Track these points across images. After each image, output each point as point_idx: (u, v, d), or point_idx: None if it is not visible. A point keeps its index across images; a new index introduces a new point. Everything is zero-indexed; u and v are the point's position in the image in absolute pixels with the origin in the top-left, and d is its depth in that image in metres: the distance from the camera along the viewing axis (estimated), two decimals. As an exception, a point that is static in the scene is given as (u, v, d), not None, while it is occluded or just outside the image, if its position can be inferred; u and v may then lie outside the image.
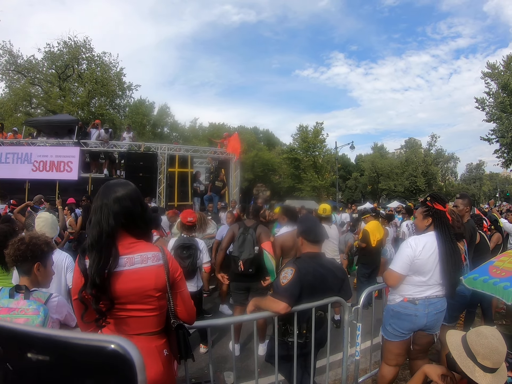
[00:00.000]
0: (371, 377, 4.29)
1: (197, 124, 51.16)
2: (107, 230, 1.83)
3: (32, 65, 30.54)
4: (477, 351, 2.11)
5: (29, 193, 12.71)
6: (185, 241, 5.00)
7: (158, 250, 1.98)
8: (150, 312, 1.92)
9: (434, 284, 3.34)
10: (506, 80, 26.19)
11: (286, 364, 3.25)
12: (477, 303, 5.47)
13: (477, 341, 2.14)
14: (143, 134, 37.28)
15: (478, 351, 2.11)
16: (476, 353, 2.11)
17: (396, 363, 3.57)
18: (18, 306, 2.20)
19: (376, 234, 7.24)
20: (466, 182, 77.01)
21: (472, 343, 2.15)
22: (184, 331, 2.03)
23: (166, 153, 15.12)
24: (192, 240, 5.12)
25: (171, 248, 4.96)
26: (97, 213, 1.88)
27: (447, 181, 64.25)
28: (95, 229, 1.84)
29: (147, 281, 1.88)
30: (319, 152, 47.21)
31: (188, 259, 4.90)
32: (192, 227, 5.24)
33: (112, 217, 1.86)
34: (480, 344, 2.11)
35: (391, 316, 3.49)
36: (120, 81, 33.54)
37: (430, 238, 3.37)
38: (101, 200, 1.91)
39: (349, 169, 62.17)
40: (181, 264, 4.78)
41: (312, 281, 3.05)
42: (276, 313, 2.95)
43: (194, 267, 4.99)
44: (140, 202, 2.00)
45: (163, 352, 1.98)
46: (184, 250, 4.93)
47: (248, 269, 4.99)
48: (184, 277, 2.12)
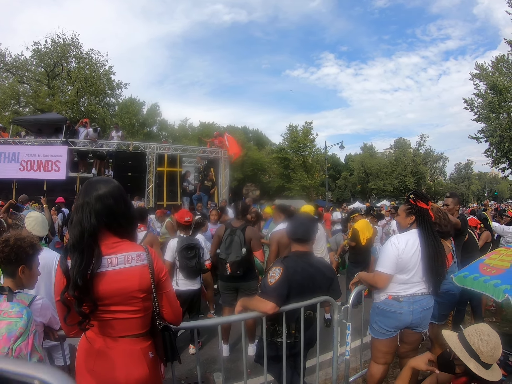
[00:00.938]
0: (361, 376, 4.28)
1: (187, 123, 51.04)
2: (89, 230, 1.78)
3: (21, 63, 30.21)
4: (481, 350, 2.11)
5: (16, 193, 12.47)
6: (188, 241, 5.08)
7: (143, 250, 1.93)
8: (134, 314, 1.87)
9: (418, 282, 3.35)
10: (494, 80, 26.41)
11: (276, 364, 3.21)
12: (467, 301, 5.50)
13: (480, 340, 2.14)
14: (132, 133, 37.08)
15: (482, 350, 2.11)
16: (480, 352, 2.11)
17: (385, 361, 3.58)
18: (1, 308, 2.13)
19: (365, 232, 7.26)
20: (455, 181, 77.92)
21: (475, 343, 2.15)
22: (170, 333, 1.97)
23: (155, 153, 15.09)
24: (194, 239, 5.23)
25: (173, 249, 5.00)
26: (79, 212, 1.83)
27: (436, 181, 64.75)
28: (77, 228, 1.79)
29: (131, 281, 1.83)
30: (309, 152, 47.33)
31: (194, 259, 5.00)
32: (189, 227, 5.28)
33: (94, 216, 1.80)
34: (484, 343, 2.13)
35: (376, 314, 3.52)
36: (109, 79, 33.33)
37: (413, 235, 3.38)
38: (82, 198, 1.85)
39: (338, 168, 62.48)
40: (188, 265, 4.89)
41: (300, 281, 3.03)
42: (264, 313, 2.91)
43: (201, 266, 5.09)
44: (124, 200, 1.95)
45: (149, 355, 1.94)
46: (189, 251, 5.00)
47: (235, 271, 4.92)
48: (169, 277, 2.07)
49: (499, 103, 26.55)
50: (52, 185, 13.49)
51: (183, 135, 45.79)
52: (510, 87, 26.36)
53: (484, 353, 2.10)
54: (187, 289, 5.10)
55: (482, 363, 2.11)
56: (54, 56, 31.03)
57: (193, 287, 5.15)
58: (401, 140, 64.21)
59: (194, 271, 5.03)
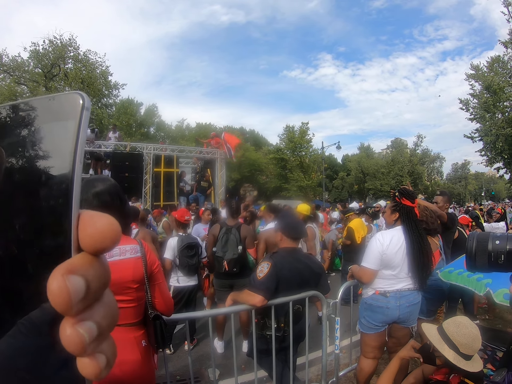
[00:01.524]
0: (351, 370, 4.37)
1: (184, 124, 50.99)
2: None
3: (18, 63, 30.10)
4: (460, 342, 2.15)
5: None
6: (189, 240, 5.21)
7: (136, 243, 2.05)
8: (128, 303, 1.98)
9: (404, 277, 3.41)
10: (489, 80, 26.60)
11: (267, 358, 3.28)
12: (458, 297, 5.57)
13: (458, 331, 2.18)
14: (130, 134, 37.03)
15: (461, 341, 2.15)
16: (459, 343, 2.15)
17: (374, 355, 3.63)
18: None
19: (360, 231, 7.34)
20: (451, 181, 77.78)
21: (453, 334, 2.19)
22: (161, 322, 2.08)
23: (152, 153, 15.15)
24: (193, 238, 5.38)
25: (174, 248, 5.11)
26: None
27: (433, 181, 64.77)
28: None
29: (125, 272, 1.95)
30: (306, 152, 47.29)
31: (195, 257, 5.17)
32: (188, 225, 5.42)
33: None
34: (462, 334, 2.17)
35: (364, 309, 3.58)
36: (106, 80, 33.29)
37: (397, 232, 3.43)
38: (81, 195, 1.96)
39: (336, 169, 62.35)
40: (189, 263, 5.01)
41: (288, 275, 3.12)
42: (253, 306, 3.00)
43: (200, 263, 5.30)
44: (119, 197, 2.05)
45: (142, 343, 2.04)
46: (190, 250, 5.14)
47: (232, 269, 5.05)
48: (161, 270, 2.18)
49: (493, 103, 26.75)
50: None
51: (180, 135, 45.73)
52: (504, 87, 26.56)
53: (463, 344, 2.14)
54: (186, 285, 5.26)
55: (461, 354, 2.14)
56: (52, 57, 30.93)
57: (191, 282, 5.30)
58: (398, 140, 64.18)
59: (195, 268, 5.25)
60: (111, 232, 0.36)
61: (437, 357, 2.27)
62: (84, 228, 0.36)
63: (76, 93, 0.38)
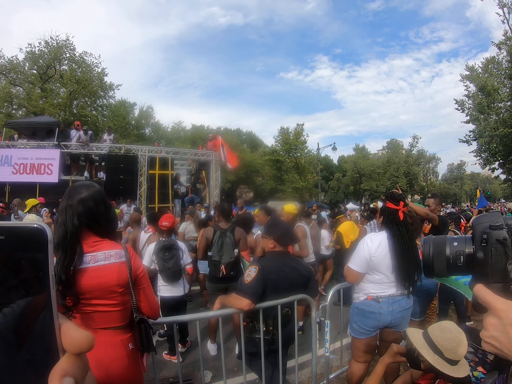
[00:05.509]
0: (341, 373, 4.39)
1: (180, 126, 50.92)
2: (72, 230, 1.93)
3: (13, 65, 30.11)
4: (444, 347, 2.14)
5: (9, 196, 12.55)
6: (165, 243, 5.01)
7: (121, 248, 2.08)
8: (114, 307, 2.01)
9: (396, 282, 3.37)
10: (483, 82, 26.71)
11: (257, 361, 3.28)
12: (451, 299, 5.58)
13: (443, 336, 2.17)
14: (125, 136, 36.89)
15: (445, 346, 2.13)
16: (444, 348, 2.13)
17: (365, 359, 3.62)
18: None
19: (349, 235, 7.31)
20: (447, 182, 78.05)
21: (437, 339, 2.18)
22: (146, 325, 2.13)
23: (147, 155, 15.15)
24: (172, 241, 5.17)
25: (151, 252, 4.94)
26: (63, 214, 1.98)
27: (429, 181, 64.93)
28: (61, 229, 1.94)
29: (110, 277, 1.98)
30: (301, 154, 47.30)
31: (171, 260, 4.91)
32: (170, 231, 5.28)
33: (76, 217, 1.96)
34: (447, 339, 2.15)
35: (356, 313, 3.55)
36: (102, 81, 33.25)
37: (385, 235, 3.40)
38: (66, 201, 2.01)
39: (331, 170, 62.37)
40: (165, 266, 4.84)
41: (276, 279, 3.13)
42: (240, 309, 3.02)
43: (179, 267, 4.98)
44: (104, 203, 2.09)
45: (128, 346, 2.07)
46: (166, 252, 4.92)
47: (229, 272, 5.06)
48: (147, 274, 2.21)
49: (487, 104, 26.85)
50: (45, 188, 13.46)
51: (176, 137, 45.68)
52: (499, 88, 26.67)
53: (447, 349, 2.13)
54: (170, 296, 5.01)
55: (446, 359, 2.14)
56: (47, 58, 30.94)
57: (176, 293, 5.04)
58: (394, 141, 64.35)
59: (172, 273, 4.92)
60: (86, 342, 0.47)
61: (422, 362, 2.27)
62: (65, 339, 0.47)
63: (40, 225, 0.47)
